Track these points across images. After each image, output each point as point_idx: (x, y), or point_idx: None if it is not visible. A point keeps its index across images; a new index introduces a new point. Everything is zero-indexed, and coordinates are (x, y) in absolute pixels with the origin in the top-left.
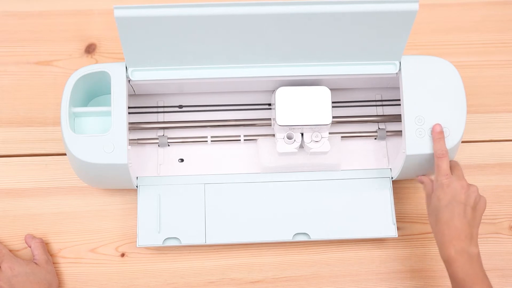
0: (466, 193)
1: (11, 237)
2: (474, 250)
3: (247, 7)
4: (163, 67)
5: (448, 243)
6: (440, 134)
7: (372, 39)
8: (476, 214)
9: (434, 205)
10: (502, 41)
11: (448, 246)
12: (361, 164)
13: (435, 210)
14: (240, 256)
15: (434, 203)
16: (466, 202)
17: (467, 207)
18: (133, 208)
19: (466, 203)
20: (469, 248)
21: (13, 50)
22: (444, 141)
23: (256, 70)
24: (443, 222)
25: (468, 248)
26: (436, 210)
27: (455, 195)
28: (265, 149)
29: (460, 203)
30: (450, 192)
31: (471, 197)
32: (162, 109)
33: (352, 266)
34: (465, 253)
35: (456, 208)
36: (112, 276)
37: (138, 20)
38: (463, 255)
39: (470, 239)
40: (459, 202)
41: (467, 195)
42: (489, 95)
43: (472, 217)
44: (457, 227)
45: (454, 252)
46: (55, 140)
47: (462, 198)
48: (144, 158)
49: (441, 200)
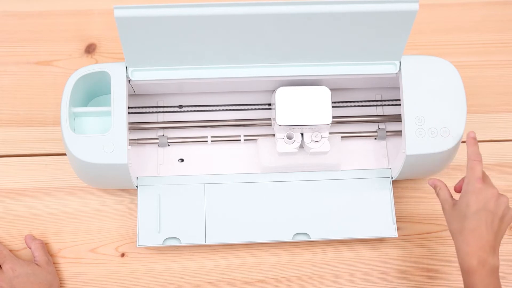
0: (496, 202)
1: (11, 237)
2: (496, 263)
3: (247, 7)
4: (163, 67)
5: (472, 253)
6: (474, 140)
7: (372, 39)
8: (503, 225)
9: (462, 211)
10: (502, 41)
11: (472, 257)
12: (361, 164)
13: (461, 217)
14: (240, 256)
15: (462, 209)
16: (495, 211)
17: (496, 217)
18: (133, 208)
19: (495, 213)
20: (492, 260)
21: (13, 50)
22: (478, 146)
23: (256, 70)
24: (470, 229)
25: (491, 260)
26: (463, 216)
27: (486, 203)
28: (265, 149)
29: (490, 212)
30: (482, 200)
31: (500, 207)
32: (162, 109)
33: (352, 266)
34: (488, 265)
35: (485, 216)
36: (112, 276)
37: (138, 20)
38: (486, 266)
39: (494, 251)
40: (489, 210)
41: (497, 204)
42: (489, 95)
43: (499, 228)
44: (483, 237)
45: (477, 263)
46: (55, 140)
47: (492, 206)
48: (144, 158)
49: (470, 207)
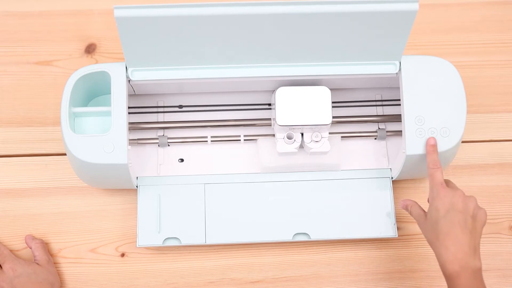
0: (463, 201)
1: (11, 237)
2: (477, 264)
3: (247, 7)
4: (163, 67)
5: (453, 257)
6: (433, 147)
7: (372, 39)
8: (477, 224)
9: (433, 218)
10: (502, 41)
11: (453, 261)
12: (361, 164)
13: (433, 224)
14: (240, 256)
15: (433, 215)
16: (464, 210)
17: (467, 216)
18: (133, 208)
19: (465, 212)
20: (473, 262)
21: (13, 50)
22: (437, 154)
23: (256, 70)
24: (445, 233)
25: (472, 262)
26: (435, 223)
27: (453, 204)
28: (265, 149)
29: (459, 212)
30: (448, 201)
31: (469, 206)
32: (162, 109)
33: (352, 266)
34: (469, 269)
35: (456, 217)
36: (112, 276)
37: (138, 20)
38: (467, 270)
39: (474, 252)
40: (458, 211)
41: (465, 203)
42: (489, 95)
43: (473, 227)
44: (459, 237)
45: (458, 267)
46: (55, 140)
47: (460, 207)
48: (144, 158)
49: (440, 211)
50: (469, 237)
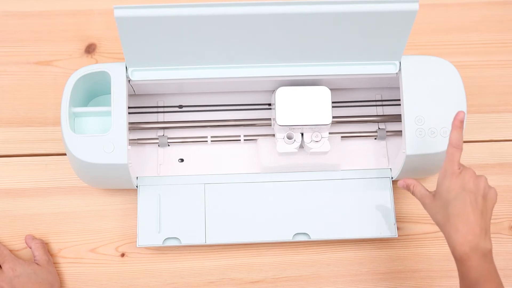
0: (474, 181)
1: (11, 237)
2: (488, 246)
3: (247, 7)
4: (163, 67)
5: (463, 239)
6: (461, 123)
7: (372, 39)
8: (487, 204)
9: (443, 199)
10: (502, 41)
11: (463, 243)
12: (361, 164)
13: (444, 205)
14: (240, 256)
15: (443, 196)
16: (476, 191)
17: (478, 196)
18: (133, 208)
19: (476, 192)
20: (484, 243)
21: (13, 50)
22: (462, 132)
23: (256, 70)
24: (456, 215)
25: (483, 243)
26: (445, 203)
27: (464, 184)
28: (265, 149)
29: (471, 192)
30: (460, 182)
31: (480, 186)
32: (162, 109)
33: (352, 266)
34: (480, 250)
35: (467, 197)
36: (112, 276)
37: (138, 20)
38: (478, 252)
39: (485, 234)
40: (469, 191)
41: (476, 184)
42: (489, 95)
43: (484, 207)
44: (470, 218)
45: (469, 249)
46: (55, 140)
47: (471, 186)
48: (144, 158)
49: (451, 191)
50: (480, 218)
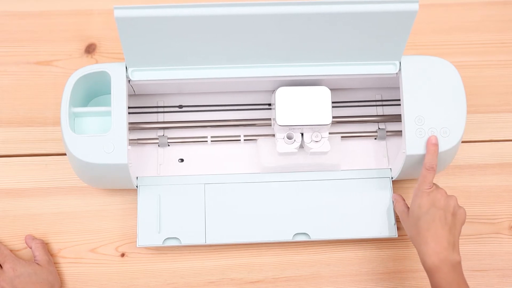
0: (445, 200)
1: (11, 237)
2: (456, 258)
3: (247, 7)
4: (163, 67)
5: (432, 251)
6: (435, 146)
7: (372, 39)
8: (456, 221)
9: (415, 214)
10: (502, 41)
11: (432, 254)
12: (361, 164)
13: (415, 220)
14: (240, 256)
15: (415, 212)
16: (445, 208)
17: (447, 213)
18: (133, 208)
19: (445, 209)
20: (452, 256)
21: (13, 50)
22: (437, 155)
23: (256, 70)
24: (425, 229)
25: (451, 256)
26: (416, 219)
27: (435, 201)
28: (265, 149)
29: (440, 209)
30: (430, 199)
31: (450, 204)
32: (162, 109)
33: (352, 266)
34: (448, 262)
35: (437, 213)
36: (112, 276)
37: (138, 20)
38: (447, 263)
39: (453, 247)
40: (439, 208)
41: (446, 202)
42: (489, 95)
43: (453, 223)
44: (439, 233)
45: (438, 261)
46: (55, 140)
47: (441, 204)
48: (144, 158)
49: (422, 208)
50: (448, 233)
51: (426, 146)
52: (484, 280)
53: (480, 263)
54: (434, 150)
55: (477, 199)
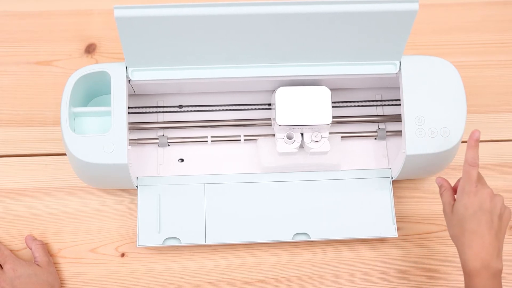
0: (492, 201)
1: (11, 237)
2: (499, 266)
3: (247, 7)
4: (163, 67)
5: (476, 255)
6: (476, 141)
7: (372, 39)
8: (502, 224)
9: (460, 214)
10: (502, 41)
11: (476, 259)
12: (361, 164)
13: (460, 220)
14: (240, 256)
15: (460, 212)
16: (492, 211)
17: (494, 216)
18: (133, 208)
19: (492, 212)
20: (495, 263)
21: (13, 50)
22: (478, 149)
23: (256, 70)
24: (471, 232)
25: (495, 263)
26: (462, 219)
27: (482, 203)
28: (265, 149)
29: (487, 212)
30: (477, 201)
31: (497, 206)
32: (162, 109)
33: (352, 266)
34: (491, 269)
35: (483, 216)
36: (112, 276)
37: (138, 20)
38: (489, 270)
39: (497, 254)
40: (486, 210)
41: (493, 203)
42: (489, 95)
43: (499, 227)
44: (485, 237)
45: (480, 266)
46: (55, 140)
47: (488, 206)
48: (144, 158)
49: (468, 209)
50: (495, 238)
51: (468, 141)
52: None
53: None
54: (476, 146)
55: None
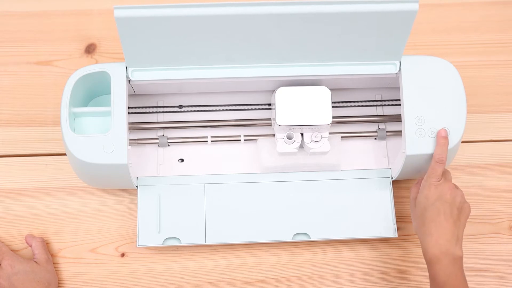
0: (452, 194)
1: (11, 237)
2: (458, 253)
3: (247, 7)
4: (163, 67)
5: (434, 242)
6: (445, 139)
7: (372, 39)
8: (461, 216)
9: (422, 204)
10: (502, 41)
11: (434, 245)
12: (361, 164)
13: (421, 210)
14: (240, 256)
15: (421, 202)
16: (451, 202)
17: (453, 207)
18: (133, 208)
19: (451, 203)
20: (454, 249)
21: (13, 50)
22: (447, 148)
23: (256, 70)
24: (430, 220)
25: (453, 249)
26: (423, 209)
27: (442, 194)
28: (265, 149)
29: (446, 202)
30: (438, 192)
31: (456, 199)
32: (162, 109)
33: (352, 266)
34: (450, 255)
35: (442, 206)
36: (112, 276)
37: (138, 20)
38: (448, 256)
39: (456, 241)
40: (445, 201)
41: (453, 196)
42: (489, 95)
43: (457, 217)
44: (443, 225)
45: (439, 252)
46: (55, 140)
47: (448, 197)
48: (144, 158)
49: (428, 199)
50: (453, 226)
51: (436, 138)
52: (484, 280)
53: (480, 263)
54: (444, 143)
55: (477, 199)
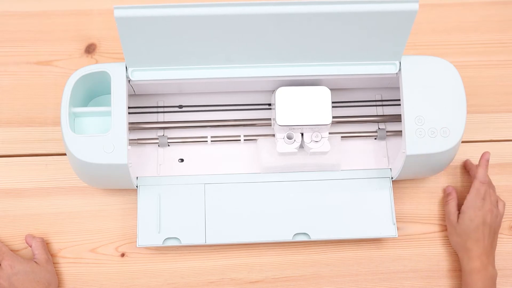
0: (492, 215)
1: (11, 237)
2: (494, 273)
3: (247, 7)
4: (163, 67)
5: (478, 257)
6: (487, 162)
7: (372, 39)
8: (495, 236)
9: (465, 225)
10: (502, 41)
11: (477, 260)
12: (361, 164)
13: (465, 230)
14: (240, 256)
15: (465, 223)
16: (491, 224)
17: (491, 229)
18: (133, 208)
19: (491, 226)
20: (492, 269)
21: (13, 50)
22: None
23: (256, 70)
24: (475, 240)
25: (491, 268)
26: (466, 229)
27: (485, 218)
28: (265, 149)
29: (488, 225)
30: (481, 214)
31: (496, 220)
32: (162, 109)
33: (352, 266)
34: (489, 270)
35: (486, 230)
36: (112, 276)
37: (138, 20)
38: (488, 269)
39: (493, 262)
40: (487, 224)
41: (494, 216)
42: (489, 95)
43: (494, 238)
44: (485, 246)
45: (480, 265)
46: (55, 140)
47: (489, 220)
48: (144, 158)
49: (473, 221)
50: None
51: (480, 160)
52: None
53: None
54: (486, 165)
55: None
